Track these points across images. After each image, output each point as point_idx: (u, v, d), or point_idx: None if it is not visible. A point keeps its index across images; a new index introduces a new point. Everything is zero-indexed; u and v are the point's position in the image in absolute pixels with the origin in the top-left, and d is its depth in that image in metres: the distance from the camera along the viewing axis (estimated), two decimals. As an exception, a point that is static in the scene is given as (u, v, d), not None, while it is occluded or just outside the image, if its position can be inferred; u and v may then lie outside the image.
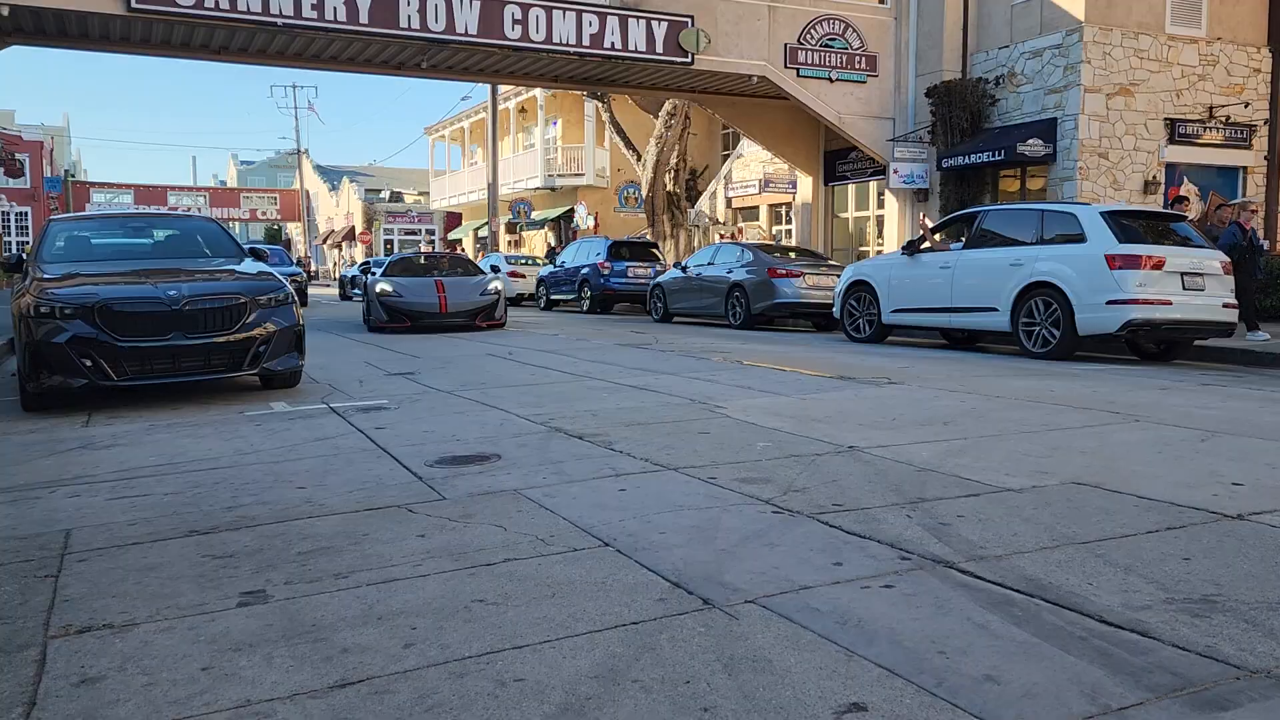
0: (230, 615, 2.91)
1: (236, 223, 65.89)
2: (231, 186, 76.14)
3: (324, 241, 68.10)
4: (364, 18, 17.02)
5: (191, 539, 3.74)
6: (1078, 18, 17.89)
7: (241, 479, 4.79)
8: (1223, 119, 18.97)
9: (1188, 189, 18.39)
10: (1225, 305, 10.42)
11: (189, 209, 53.71)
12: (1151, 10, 18.36)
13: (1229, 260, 10.80)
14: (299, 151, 66.00)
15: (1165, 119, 18.58)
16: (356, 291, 26.33)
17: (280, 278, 8.23)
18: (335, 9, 16.79)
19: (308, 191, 68.15)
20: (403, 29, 17.36)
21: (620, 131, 31.21)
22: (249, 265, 8.52)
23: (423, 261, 18.49)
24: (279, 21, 16.52)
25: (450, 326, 15.71)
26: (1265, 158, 19.42)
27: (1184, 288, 10.15)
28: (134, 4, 15.58)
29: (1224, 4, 18.95)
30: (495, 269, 19.48)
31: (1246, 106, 19.13)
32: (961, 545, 3.49)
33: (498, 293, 16.41)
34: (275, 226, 71.40)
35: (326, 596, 3.06)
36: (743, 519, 3.89)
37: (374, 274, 17.19)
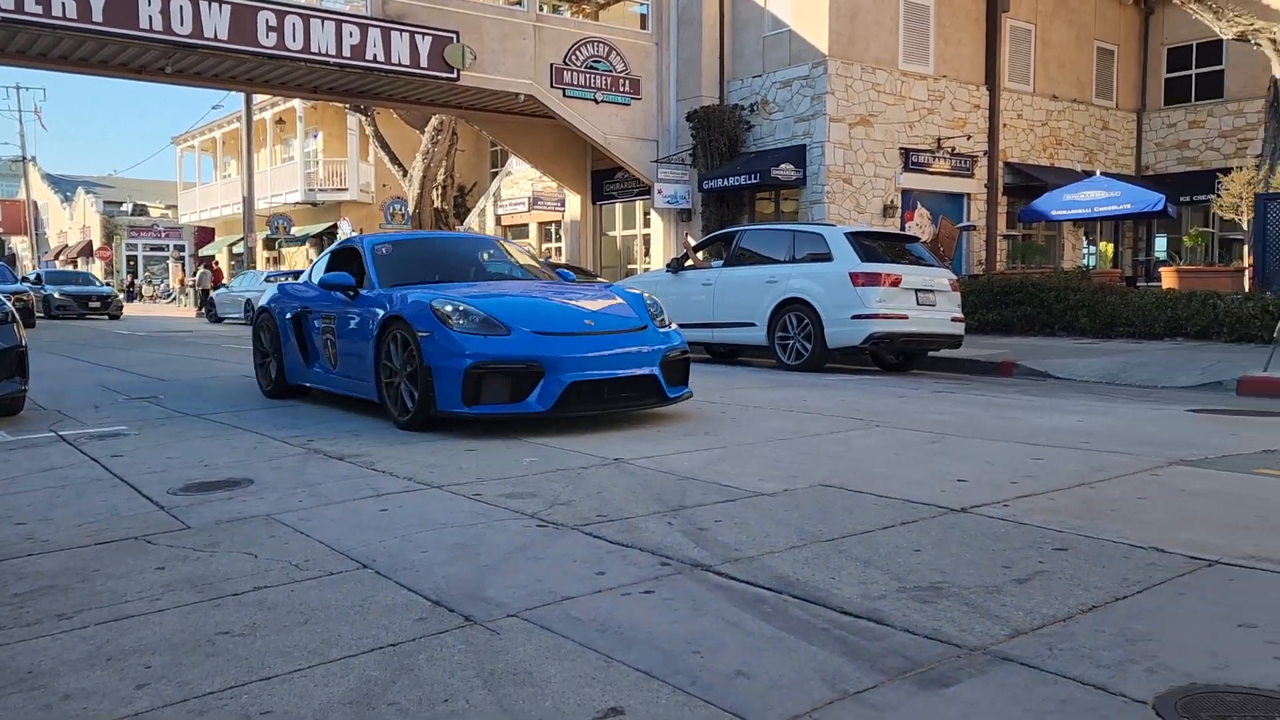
0: (-72, 669, 2.60)
1: (-51, 235, 59.21)
2: (-58, 195, 68.36)
3: (56, 257, 62.29)
4: (98, 15, 15.73)
5: (-118, 587, 3.31)
6: (822, 51, 19.14)
7: (-52, 517, 4.29)
8: (949, 149, 20.84)
9: (921, 213, 20.04)
10: (954, 319, 11.40)
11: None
12: (886, 48, 19.93)
13: (956, 278, 11.83)
14: (24, 159, 60.25)
15: (900, 148, 20.20)
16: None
17: (-2, 295, 7.47)
18: (64, 5, 15.43)
19: (36, 202, 62.24)
20: (143, 30, 16.19)
21: (385, 146, 30.50)
22: (-40, 281, 7.67)
23: None
24: (-3, 14, 15.03)
25: None
26: (985, 185, 21.50)
27: (918, 303, 11.03)
28: None
29: (948, 45, 20.84)
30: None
31: (969, 139, 21.11)
32: (718, 549, 3.62)
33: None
34: (-3, 240, 64.71)
35: (47, 640, 2.79)
36: (507, 534, 3.87)
37: None
